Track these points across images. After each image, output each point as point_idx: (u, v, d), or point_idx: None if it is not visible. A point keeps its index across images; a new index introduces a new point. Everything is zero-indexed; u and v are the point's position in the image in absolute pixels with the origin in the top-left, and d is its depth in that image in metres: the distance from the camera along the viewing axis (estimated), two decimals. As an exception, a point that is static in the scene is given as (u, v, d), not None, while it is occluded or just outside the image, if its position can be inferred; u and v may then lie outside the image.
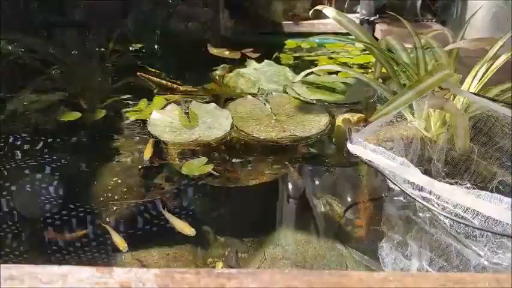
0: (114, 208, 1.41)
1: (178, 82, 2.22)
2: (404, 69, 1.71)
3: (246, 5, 3.09)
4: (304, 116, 1.91)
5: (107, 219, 1.35)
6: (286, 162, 1.62)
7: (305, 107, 2.02)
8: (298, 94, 2.13)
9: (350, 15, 3.32)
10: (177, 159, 1.63)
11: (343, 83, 2.30)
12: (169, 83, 2.15)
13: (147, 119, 1.88)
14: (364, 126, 1.28)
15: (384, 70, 1.87)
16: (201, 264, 1.25)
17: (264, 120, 1.88)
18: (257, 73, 2.47)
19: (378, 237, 1.23)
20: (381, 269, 1.13)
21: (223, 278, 0.61)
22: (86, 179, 1.55)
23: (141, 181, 1.55)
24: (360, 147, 1.17)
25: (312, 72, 2.30)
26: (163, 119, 1.85)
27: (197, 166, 1.55)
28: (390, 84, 2.10)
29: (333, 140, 1.77)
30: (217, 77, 2.41)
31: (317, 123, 1.83)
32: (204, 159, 1.58)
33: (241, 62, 2.66)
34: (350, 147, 1.20)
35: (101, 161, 1.64)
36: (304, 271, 1.01)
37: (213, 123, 1.84)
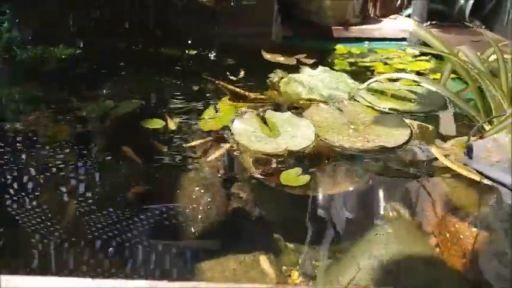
0: (200, 217, 1.43)
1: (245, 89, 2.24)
2: (484, 79, 1.73)
3: (296, 11, 3.09)
4: (382, 126, 1.91)
5: (192, 229, 1.37)
6: (370, 173, 1.63)
7: (380, 116, 2.02)
8: (369, 102, 2.14)
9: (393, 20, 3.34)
10: (252, 167, 1.64)
11: (408, 90, 2.30)
12: (241, 91, 2.16)
13: (222, 127, 1.90)
14: (477, 141, 1.29)
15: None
16: (277, 272, 1.27)
17: (342, 129, 1.89)
18: (313, 79, 2.48)
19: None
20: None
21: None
22: (170, 187, 1.56)
23: (223, 190, 1.56)
24: (483, 164, 1.18)
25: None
26: (245, 128, 1.87)
27: (293, 177, 1.56)
28: (462, 93, 2.12)
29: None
30: (275, 84, 2.42)
31: (399, 134, 1.84)
32: (298, 170, 1.59)
33: (294, 68, 2.67)
34: (470, 163, 1.21)
35: (182, 169, 1.65)
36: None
37: (294, 132, 1.85)
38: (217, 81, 2.20)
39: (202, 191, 1.52)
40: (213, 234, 1.37)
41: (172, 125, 1.95)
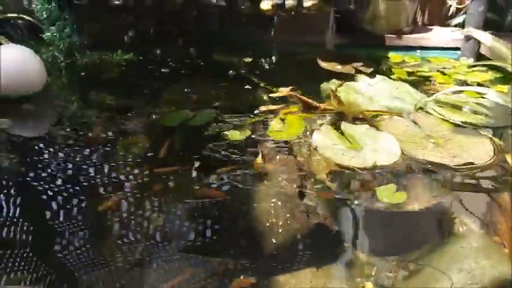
0: (280, 230, 1.44)
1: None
2: None
3: (350, 19, 3.09)
4: (463, 140, 1.91)
5: (273, 240, 1.38)
6: (454, 187, 1.63)
7: (456, 129, 2.02)
8: (441, 115, 2.13)
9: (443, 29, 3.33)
10: (327, 180, 1.65)
11: (475, 103, 2.29)
12: (314, 102, 2.16)
13: (295, 138, 1.91)
14: None
15: None
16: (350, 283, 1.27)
17: (422, 143, 1.89)
18: (372, 89, 2.47)
19: None
20: None
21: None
22: (244, 200, 1.57)
23: (300, 203, 1.56)
24: None
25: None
26: (325, 140, 1.87)
27: (390, 193, 1.56)
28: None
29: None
30: (335, 93, 2.41)
31: (482, 149, 1.83)
32: (393, 186, 1.60)
33: (350, 77, 2.66)
34: None
35: (258, 181, 1.66)
36: None
37: (377, 145, 1.85)
38: (292, 93, 2.20)
39: (279, 203, 1.54)
40: (290, 246, 1.38)
41: (243, 136, 1.96)
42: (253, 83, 2.53)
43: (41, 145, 1.87)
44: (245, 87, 2.50)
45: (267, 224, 1.44)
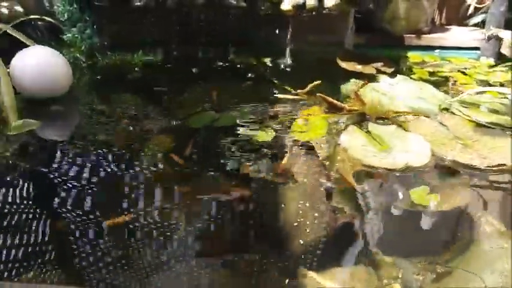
0: (307, 230, 1.44)
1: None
2: None
3: (369, 19, 3.08)
4: (491, 141, 1.90)
5: (300, 241, 1.38)
6: (485, 188, 1.63)
7: (483, 130, 2.01)
8: (467, 115, 2.13)
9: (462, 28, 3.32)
10: (353, 180, 1.65)
11: (500, 103, 2.28)
12: (339, 103, 2.16)
13: (320, 138, 1.91)
14: None
15: None
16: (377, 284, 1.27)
17: (451, 144, 1.89)
18: (393, 89, 2.47)
19: None
20: None
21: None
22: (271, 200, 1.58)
23: (326, 203, 1.57)
24: None
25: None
26: (354, 141, 1.87)
27: (423, 195, 1.56)
28: None
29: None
30: (357, 93, 2.41)
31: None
32: (426, 188, 1.59)
33: (370, 77, 2.65)
34: None
35: (284, 181, 1.66)
36: None
37: (406, 146, 1.85)
38: (318, 94, 2.21)
39: (306, 203, 1.54)
40: (317, 246, 1.37)
41: (268, 136, 1.96)
42: (273, 84, 2.54)
43: (68, 147, 1.88)
44: (265, 88, 2.50)
45: (294, 224, 1.45)
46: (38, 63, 2.07)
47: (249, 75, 2.70)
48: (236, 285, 1.25)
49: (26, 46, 2.22)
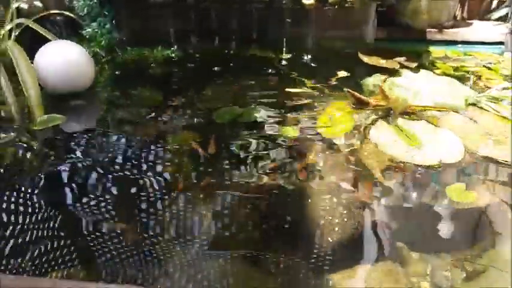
0: (336, 229, 1.42)
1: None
2: None
3: (391, 13, 3.04)
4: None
5: (329, 239, 1.36)
6: None
7: (514, 126, 1.97)
8: (495, 111, 2.08)
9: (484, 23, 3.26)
10: (381, 176, 1.62)
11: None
12: (365, 98, 2.13)
13: (347, 134, 1.89)
14: None
15: None
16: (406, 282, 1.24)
17: (482, 140, 1.85)
18: (417, 84, 2.42)
19: None
20: None
21: None
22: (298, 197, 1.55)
23: (354, 200, 1.54)
24: None
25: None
26: (384, 137, 1.84)
27: (459, 192, 1.53)
28: None
29: None
30: (382, 88, 2.37)
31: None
32: (462, 185, 1.56)
33: (391, 71, 2.61)
34: None
35: (311, 177, 1.64)
36: None
37: (437, 142, 1.81)
38: (346, 89, 2.17)
39: (334, 199, 1.52)
40: (346, 243, 1.36)
41: (294, 132, 1.93)
42: (295, 79, 2.50)
43: (93, 141, 1.86)
44: (288, 82, 2.47)
45: (322, 221, 1.43)
46: (63, 59, 2.06)
47: (270, 70, 2.66)
48: (263, 283, 1.23)
49: (46, 41, 2.20)
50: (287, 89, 2.37)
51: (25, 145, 1.80)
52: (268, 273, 1.24)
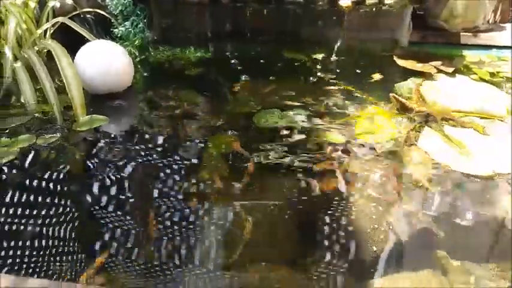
0: (381, 237, 1.39)
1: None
2: None
3: (425, 16, 2.99)
4: None
5: (374, 248, 1.34)
6: None
7: None
8: (543, 119, 2.04)
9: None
10: (428, 184, 1.59)
11: None
12: (409, 104, 2.10)
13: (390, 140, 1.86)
14: None
15: None
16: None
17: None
18: (454, 89, 2.38)
19: None
20: None
21: None
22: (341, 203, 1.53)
23: (396, 207, 1.52)
24: None
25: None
26: (434, 145, 1.80)
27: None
28: None
29: None
30: (419, 92, 2.33)
31: None
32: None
33: (427, 76, 2.56)
34: None
35: (353, 183, 1.62)
36: None
37: (488, 151, 1.77)
38: (391, 94, 2.14)
39: (379, 207, 1.49)
40: (389, 250, 1.34)
41: (336, 137, 1.90)
42: (330, 81, 2.47)
43: (134, 141, 1.85)
44: (323, 85, 2.44)
45: (366, 228, 1.41)
46: (106, 59, 2.04)
47: (305, 72, 2.63)
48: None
49: (79, 40, 2.18)
50: (322, 90, 2.34)
51: (73, 146, 1.78)
52: (311, 279, 1.23)
